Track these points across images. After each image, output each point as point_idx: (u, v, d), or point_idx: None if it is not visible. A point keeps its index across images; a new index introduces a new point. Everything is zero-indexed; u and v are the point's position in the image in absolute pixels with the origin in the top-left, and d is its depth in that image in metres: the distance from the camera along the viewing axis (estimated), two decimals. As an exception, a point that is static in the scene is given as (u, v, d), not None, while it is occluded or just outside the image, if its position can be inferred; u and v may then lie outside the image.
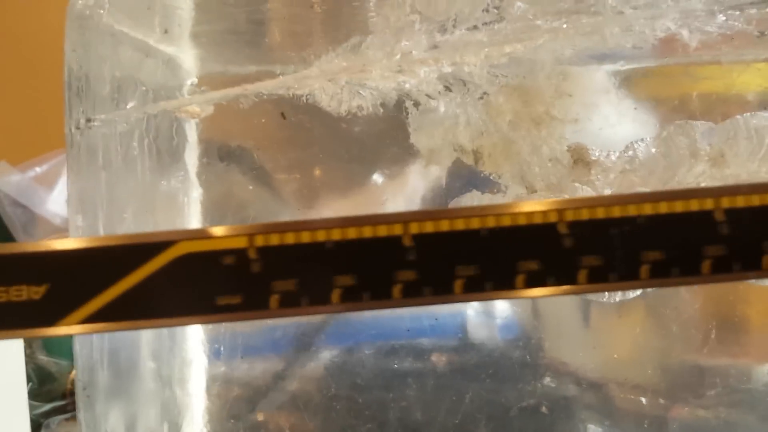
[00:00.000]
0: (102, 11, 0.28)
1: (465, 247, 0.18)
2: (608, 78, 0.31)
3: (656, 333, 0.36)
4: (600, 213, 0.18)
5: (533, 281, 0.18)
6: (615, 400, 0.37)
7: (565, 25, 0.28)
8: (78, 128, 0.28)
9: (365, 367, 0.36)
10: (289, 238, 0.18)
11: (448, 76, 0.28)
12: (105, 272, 0.18)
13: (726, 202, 0.18)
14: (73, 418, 0.63)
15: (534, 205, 0.18)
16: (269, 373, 0.37)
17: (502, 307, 0.37)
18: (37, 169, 0.67)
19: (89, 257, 0.18)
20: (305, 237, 0.18)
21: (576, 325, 0.38)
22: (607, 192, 0.31)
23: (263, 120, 0.30)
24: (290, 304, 0.18)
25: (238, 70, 0.32)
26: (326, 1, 0.29)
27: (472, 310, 0.37)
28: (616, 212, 0.17)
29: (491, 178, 0.31)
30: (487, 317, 0.37)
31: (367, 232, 0.18)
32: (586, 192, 0.31)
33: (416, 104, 0.30)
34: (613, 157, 0.31)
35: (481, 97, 0.29)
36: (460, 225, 0.18)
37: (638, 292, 0.32)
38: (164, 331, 0.38)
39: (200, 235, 0.18)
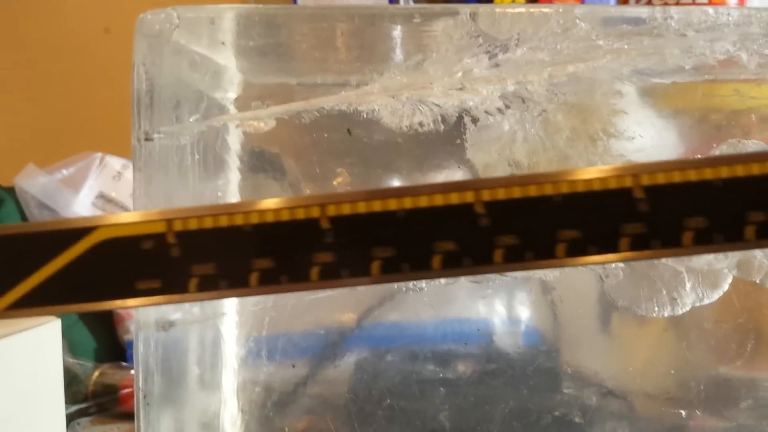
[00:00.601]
0: (171, 26, 0.28)
1: (382, 228, 0.17)
2: (662, 96, 0.31)
3: (686, 344, 0.37)
4: (516, 192, 0.17)
5: (450, 262, 0.17)
6: (646, 410, 0.38)
7: (626, 46, 0.28)
8: (143, 140, 0.28)
9: (397, 373, 0.36)
10: (208, 222, 0.18)
11: (508, 94, 0.29)
12: (28, 259, 0.18)
13: (646, 180, 0.17)
14: (98, 420, 0.63)
15: (450, 186, 0.18)
16: (301, 378, 0.38)
17: (527, 315, 0.38)
18: (64, 172, 0.67)
19: (13, 244, 0.18)
20: (223, 221, 0.18)
21: (605, 335, 0.38)
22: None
23: (325, 134, 0.30)
24: (209, 287, 0.18)
25: (283, 83, 0.32)
26: (389, 18, 0.30)
27: (498, 318, 0.38)
28: (533, 191, 0.17)
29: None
30: (513, 325, 0.38)
31: (285, 215, 0.18)
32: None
33: (474, 120, 0.30)
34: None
35: (540, 114, 0.30)
36: (377, 207, 0.18)
37: (687, 307, 0.32)
38: (207, 336, 0.38)
39: (119, 220, 0.18)
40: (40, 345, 0.43)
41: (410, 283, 0.34)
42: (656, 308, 0.32)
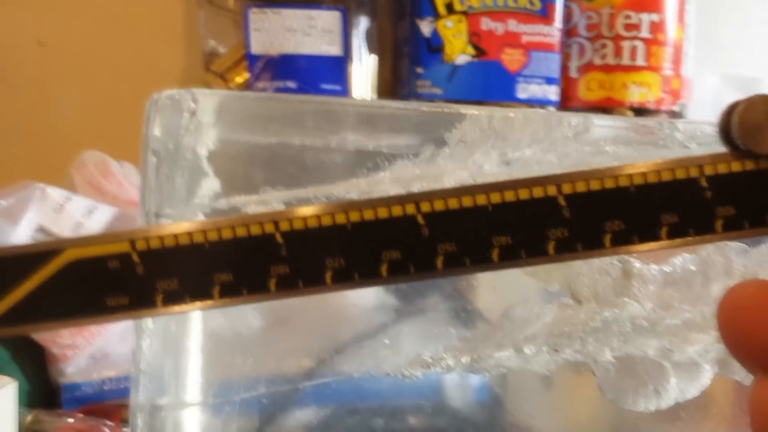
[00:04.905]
0: (187, 109, 0.27)
1: (333, 240, 0.19)
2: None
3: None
4: (453, 204, 0.19)
5: (396, 269, 0.19)
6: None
7: (633, 154, 0.29)
8: (152, 220, 0.27)
9: (347, 427, 0.36)
10: (169, 241, 0.19)
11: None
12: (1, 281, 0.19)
13: (567, 188, 0.19)
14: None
15: (393, 199, 0.19)
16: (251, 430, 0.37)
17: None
18: (3, 203, 0.63)
19: None
20: (183, 239, 0.19)
21: (552, 392, 0.39)
22: (648, 305, 0.33)
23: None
24: (174, 301, 0.19)
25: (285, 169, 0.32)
26: (403, 112, 0.30)
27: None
28: (467, 202, 0.19)
29: (543, 287, 0.32)
30: (462, 379, 0.38)
31: (241, 231, 0.19)
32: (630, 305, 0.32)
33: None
34: (654, 271, 0.33)
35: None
36: (327, 221, 0.19)
37: (671, 402, 0.33)
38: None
39: (85, 242, 0.19)
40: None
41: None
42: (642, 402, 0.33)
